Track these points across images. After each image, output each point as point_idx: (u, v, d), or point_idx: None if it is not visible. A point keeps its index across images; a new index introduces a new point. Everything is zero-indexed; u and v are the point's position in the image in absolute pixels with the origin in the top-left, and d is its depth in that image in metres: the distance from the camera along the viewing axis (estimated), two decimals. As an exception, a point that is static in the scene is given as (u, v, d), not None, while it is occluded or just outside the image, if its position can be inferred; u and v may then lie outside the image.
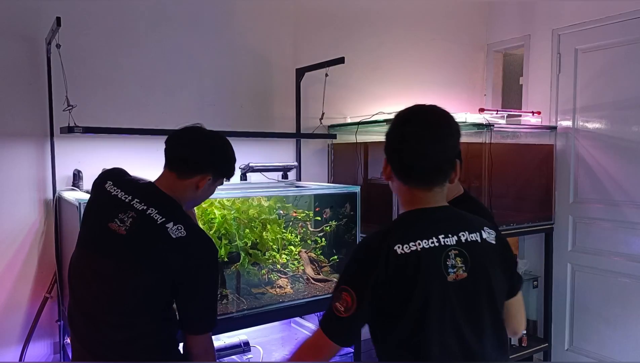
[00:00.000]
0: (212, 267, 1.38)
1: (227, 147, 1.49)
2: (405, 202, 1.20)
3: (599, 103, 3.11)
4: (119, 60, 2.39)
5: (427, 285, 1.09)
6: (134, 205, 1.35)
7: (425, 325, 1.09)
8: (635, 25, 2.97)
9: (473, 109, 3.33)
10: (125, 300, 1.31)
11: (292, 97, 2.88)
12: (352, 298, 1.08)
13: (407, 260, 1.09)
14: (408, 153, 1.15)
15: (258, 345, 2.43)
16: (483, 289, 1.16)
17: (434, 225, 1.15)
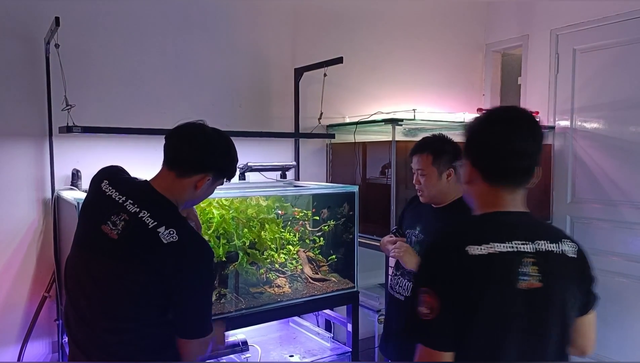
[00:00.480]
0: (205, 272, 1.34)
1: (229, 147, 1.43)
2: (484, 204, 1.17)
3: (596, 103, 3.12)
4: (117, 60, 2.39)
5: (497, 290, 1.07)
6: (127, 207, 1.31)
7: (489, 330, 1.07)
8: (633, 26, 2.98)
9: (471, 109, 3.34)
10: (119, 305, 1.29)
11: (290, 97, 2.88)
12: (433, 298, 1.06)
13: (480, 262, 1.07)
14: (505, 152, 1.13)
15: (256, 344, 2.43)
16: (555, 302, 1.12)
17: (512, 230, 1.13)
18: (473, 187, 1.19)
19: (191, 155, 1.36)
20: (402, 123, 2.67)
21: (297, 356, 2.38)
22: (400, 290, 1.99)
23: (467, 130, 1.21)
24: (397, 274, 2.04)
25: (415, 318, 1.09)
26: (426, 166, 1.93)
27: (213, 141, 1.40)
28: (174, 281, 1.27)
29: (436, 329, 1.07)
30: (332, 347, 2.46)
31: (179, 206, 1.39)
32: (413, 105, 3.02)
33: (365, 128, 2.89)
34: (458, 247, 1.09)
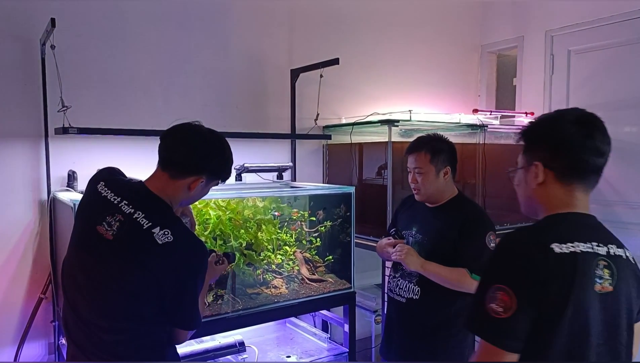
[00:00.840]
0: (199, 271, 1.36)
1: (224, 149, 1.42)
2: (557, 205, 1.14)
3: (591, 104, 3.13)
4: (113, 61, 2.39)
5: (580, 291, 1.05)
6: (122, 208, 1.32)
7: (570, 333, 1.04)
8: (627, 27, 3.00)
9: (467, 110, 3.35)
10: (115, 304, 1.30)
11: (287, 98, 2.89)
12: (510, 297, 1.01)
13: (565, 261, 1.04)
14: (586, 150, 1.12)
15: (253, 345, 2.44)
16: (623, 307, 1.12)
17: (590, 231, 1.12)
18: (544, 188, 1.15)
19: (185, 156, 1.36)
20: (399, 124, 2.68)
21: (294, 357, 2.38)
22: (402, 293, 1.97)
23: (536, 131, 1.18)
24: (397, 276, 2.01)
25: (483, 315, 1.03)
26: (424, 164, 1.92)
27: (208, 143, 1.39)
28: (169, 281, 1.29)
29: (508, 329, 1.02)
30: (329, 348, 2.47)
31: (173, 206, 1.40)
32: (409, 106, 3.03)
33: (361, 129, 2.89)
34: (543, 244, 1.05)
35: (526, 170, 1.19)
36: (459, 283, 1.84)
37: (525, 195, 1.21)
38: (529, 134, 1.21)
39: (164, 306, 1.31)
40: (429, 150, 1.93)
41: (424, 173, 1.93)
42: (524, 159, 1.20)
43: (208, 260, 1.47)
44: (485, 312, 1.03)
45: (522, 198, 1.24)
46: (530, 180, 1.17)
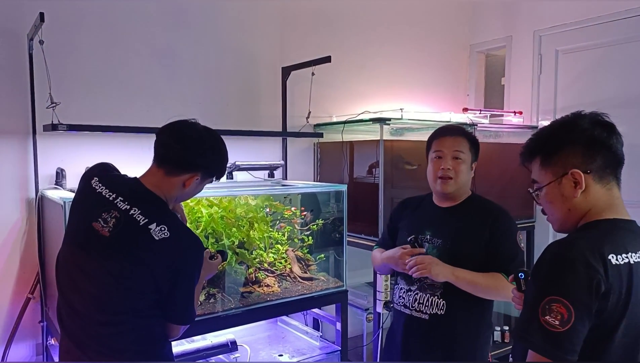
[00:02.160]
0: (196, 265, 1.37)
1: (219, 147, 1.43)
2: (601, 209, 1.11)
3: (579, 103, 3.18)
4: (104, 57, 2.36)
5: (634, 302, 1.03)
6: (118, 204, 1.32)
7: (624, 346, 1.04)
8: (614, 28, 3.04)
9: (457, 109, 3.38)
10: (112, 299, 1.30)
11: (278, 96, 2.88)
12: (567, 310, 0.98)
13: (622, 272, 1.02)
14: (618, 143, 1.11)
15: (245, 344, 2.42)
16: None
17: (636, 239, 1.09)
18: (586, 195, 1.10)
19: (181, 154, 1.36)
20: (390, 122, 2.69)
21: (286, 355, 2.38)
22: (422, 308, 1.70)
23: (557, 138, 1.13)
24: (413, 289, 1.74)
25: (538, 328, 1.00)
26: (465, 149, 1.72)
27: (204, 140, 1.39)
28: (166, 276, 1.29)
29: (565, 342, 0.99)
30: (320, 346, 2.46)
31: (168, 203, 1.40)
32: (400, 104, 3.04)
33: (352, 127, 2.90)
34: (601, 255, 1.01)
35: (559, 183, 1.12)
36: (496, 291, 1.63)
37: (564, 209, 1.13)
38: (545, 145, 1.15)
39: (159, 300, 1.32)
40: (468, 138, 1.75)
41: (463, 160, 1.71)
42: (550, 172, 1.13)
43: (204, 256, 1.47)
44: (539, 325, 1.00)
45: (560, 214, 1.15)
46: (569, 191, 1.11)
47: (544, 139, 1.16)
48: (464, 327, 1.68)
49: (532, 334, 1.02)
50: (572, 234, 1.12)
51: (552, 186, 1.13)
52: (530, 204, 3.43)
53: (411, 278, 1.72)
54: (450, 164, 1.71)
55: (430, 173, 1.78)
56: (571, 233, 1.13)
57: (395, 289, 1.86)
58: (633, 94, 2.97)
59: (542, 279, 1.04)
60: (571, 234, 1.12)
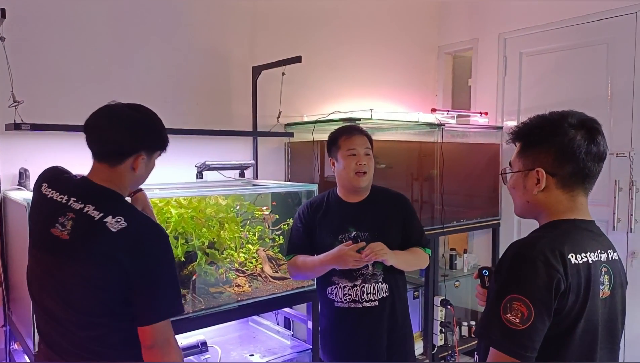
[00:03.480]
0: (161, 251, 1.30)
1: (150, 118, 1.39)
2: (561, 211, 1.14)
3: (541, 104, 3.28)
4: (68, 55, 2.30)
5: (592, 300, 1.06)
6: (71, 206, 1.29)
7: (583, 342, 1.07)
8: (575, 32, 3.16)
9: (425, 109, 3.44)
10: (86, 302, 1.27)
11: (248, 95, 2.87)
12: (527, 308, 1.01)
13: (580, 271, 1.05)
14: (593, 158, 1.11)
15: (216, 344, 2.41)
16: (619, 308, 1.15)
17: (594, 239, 1.13)
18: (546, 194, 1.14)
19: (116, 142, 1.33)
20: (360, 122, 2.71)
21: (257, 355, 2.38)
22: (371, 297, 1.91)
23: (536, 133, 1.15)
24: (357, 284, 1.91)
25: (499, 325, 1.03)
26: (370, 146, 1.97)
27: (133, 119, 1.36)
28: (132, 268, 1.25)
29: (525, 340, 1.01)
30: (292, 345, 2.48)
31: (124, 193, 1.38)
32: (370, 104, 3.08)
33: (323, 127, 2.91)
34: (561, 255, 1.04)
35: (525, 174, 1.16)
36: (418, 262, 1.96)
37: (524, 199, 1.18)
38: (528, 136, 1.17)
39: (133, 298, 1.26)
40: (368, 137, 2.00)
41: (371, 156, 1.96)
42: (522, 162, 1.17)
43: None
44: (500, 322, 1.02)
45: (519, 201, 1.20)
46: (530, 185, 1.15)
47: (529, 128, 1.18)
48: (399, 300, 1.98)
49: (493, 331, 1.05)
50: (533, 233, 1.16)
51: (519, 175, 1.18)
52: (495, 202, 3.53)
53: (353, 275, 1.91)
54: (365, 160, 1.92)
55: (344, 170, 1.92)
56: (532, 233, 1.16)
57: (332, 290, 1.96)
58: (591, 96, 3.09)
59: (504, 277, 1.07)
60: (532, 233, 1.16)
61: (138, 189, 1.61)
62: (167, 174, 2.55)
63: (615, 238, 2.86)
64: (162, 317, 1.28)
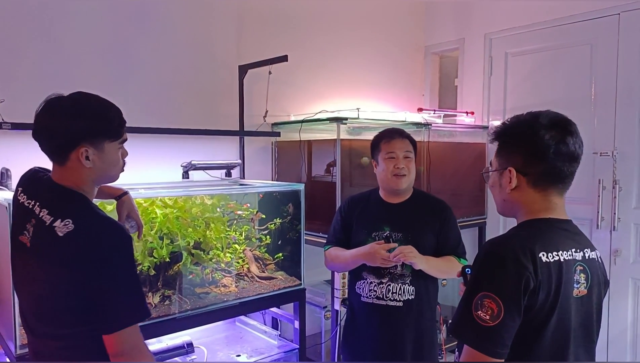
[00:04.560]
0: (114, 254, 1.19)
1: (87, 106, 1.25)
2: (536, 209, 1.16)
3: (526, 104, 3.31)
4: (50, 53, 2.27)
5: (564, 298, 1.08)
6: (35, 211, 1.25)
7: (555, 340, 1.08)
8: (559, 32, 3.19)
9: (412, 108, 3.45)
10: (51, 312, 1.23)
11: (235, 94, 2.85)
12: (497, 305, 1.02)
13: (551, 270, 1.06)
14: (562, 156, 1.13)
15: (202, 345, 2.39)
16: (594, 307, 1.16)
17: (570, 237, 1.14)
18: (519, 193, 1.16)
19: (52, 139, 1.23)
20: (347, 121, 2.72)
21: (244, 355, 2.37)
22: (396, 297, 1.93)
23: (510, 134, 1.17)
24: (384, 282, 1.94)
25: (470, 322, 1.04)
26: (411, 149, 1.98)
27: (66, 111, 1.23)
28: (84, 274, 1.16)
29: (495, 336, 1.03)
30: (279, 345, 2.47)
31: (87, 190, 1.29)
32: (357, 104, 3.08)
33: (310, 126, 2.91)
34: (531, 253, 1.06)
35: (500, 173, 1.19)
36: (450, 270, 1.92)
37: (501, 197, 1.22)
38: (503, 136, 1.19)
39: (93, 306, 1.18)
40: (411, 140, 2.00)
41: (412, 159, 1.97)
42: (498, 161, 1.20)
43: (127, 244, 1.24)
44: (472, 320, 1.04)
45: (497, 199, 1.24)
46: (505, 184, 1.18)
47: (505, 129, 1.20)
48: (427, 307, 1.97)
49: (464, 329, 1.07)
50: (507, 232, 1.18)
51: (495, 173, 1.21)
52: (481, 201, 3.55)
53: (381, 272, 1.94)
54: (404, 163, 1.94)
55: (383, 172, 1.97)
56: (507, 232, 1.19)
57: (360, 284, 2.01)
58: (575, 96, 3.12)
59: (476, 275, 1.10)
60: (507, 232, 1.19)
61: (124, 193, 1.59)
62: (153, 173, 2.53)
63: (599, 237, 2.98)
64: (125, 323, 1.19)
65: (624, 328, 2.95)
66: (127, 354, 1.19)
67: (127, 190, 1.60)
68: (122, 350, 1.18)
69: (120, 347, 1.18)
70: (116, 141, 1.29)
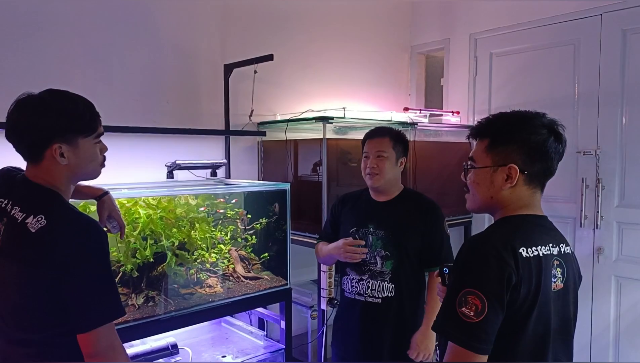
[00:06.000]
0: (87, 250, 1.16)
1: (57, 103, 1.22)
2: (518, 206, 1.16)
3: (511, 104, 3.34)
4: (30, 51, 2.22)
5: (544, 293, 1.09)
6: (7, 209, 1.22)
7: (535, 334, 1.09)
8: (543, 32, 3.22)
9: (398, 108, 3.46)
10: (19, 314, 1.20)
11: (220, 93, 2.83)
12: (481, 301, 1.03)
13: (531, 265, 1.08)
14: (555, 156, 1.15)
15: (187, 346, 2.37)
16: (571, 300, 1.18)
17: (546, 233, 1.16)
18: (512, 190, 1.16)
19: (22, 138, 1.22)
20: (333, 121, 2.71)
21: (229, 356, 2.35)
22: (375, 293, 1.97)
23: (508, 131, 1.16)
24: (364, 279, 2.00)
25: (454, 319, 1.05)
26: (387, 148, 1.96)
27: (35, 110, 1.21)
28: (57, 271, 1.14)
29: (480, 332, 1.03)
30: (265, 345, 2.45)
31: (63, 187, 1.26)
32: (343, 103, 3.07)
33: (296, 125, 2.90)
34: (512, 248, 1.07)
35: (494, 170, 1.17)
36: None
37: (487, 195, 1.19)
38: (497, 132, 1.18)
39: (66, 304, 1.16)
40: (392, 137, 1.99)
41: (386, 157, 1.96)
42: (491, 158, 1.17)
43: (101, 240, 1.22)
44: (456, 316, 1.04)
45: (481, 196, 1.20)
46: (499, 181, 1.16)
47: (499, 125, 1.19)
48: (409, 304, 1.97)
49: (449, 325, 1.07)
50: (487, 229, 1.19)
51: (486, 171, 1.18)
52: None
53: (362, 269, 1.99)
54: (375, 162, 1.96)
55: (362, 170, 2.03)
56: (487, 229, 1.20)
57: (345, 280, 2.09)
58: (559, 96, 3.16)
59: (459, 272, 1.11)
60: (487, 229, 1.19)
61: (104, 193, 1.56)
62: (137, 173, 2.50)
63: (582, 235, 3.02)
64: (99, 321, 1.16)
65: (606, 325, 2.98)
66: (102, 354, 1.16)
67: (107, 190, 1.57)
68: (96, 349, 1.16)
69: (94, 346, 1.16)
70: (90, 136, 1.27)
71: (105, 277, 1.20)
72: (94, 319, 1.16)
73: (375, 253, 1.98)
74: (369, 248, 1.98)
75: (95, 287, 1.18)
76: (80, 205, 1.75)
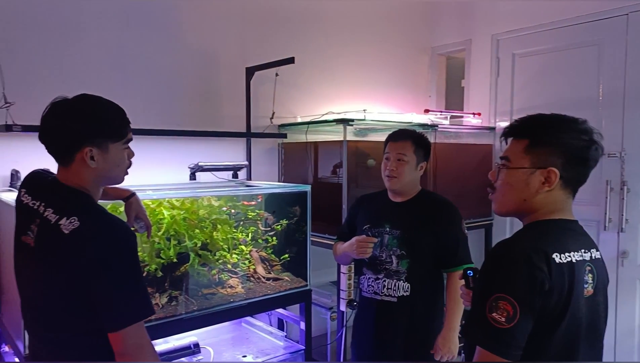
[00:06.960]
0: (118, 251, 1.19)
1: (91, 108, 1.27)
2: (550, 211, 1.14)
3: (533, 105, 3.30)
4: (59, 56, 2.29)
5: (576, 299, 1.07)
6: (40, 211, 1.26)
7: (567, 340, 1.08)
8: (565, 33, 3.18)
9: (418, 110, 3.45)
10: (50, 313, 1.24)
11: (242, 96, 2.87)
12: (513, 307, 1.01)
13: (564, 271, 1.06)
14: (593, 161, 1.14)
15: (208, 346, 2.41)
16: (602, 308, 1.16)
17: (578, 238, 1.14)
18: (547, 194, 1.13)
19: (55, 141, 1.26)
20: (353, 123, 2.72)
21: (250, 356, 2.38)
22: (391, 292, 1.97)
23: (547, 133, 1.13)
24: (380, 277, 2.00)
25: (485, 324, 1.03)
26: (408, 152, 1.96)
27: (70, 113, 1.25)
28: (88, 271, 1.16)
29: (510, 338, 1.02)
30: (285, 346, 2.48)
31: (92, 190, 1.29)
32: (363, 105, 3.09)
33: (316, 128, 2.92)
34: (545, 254, 1.05)
35: (532, 172, 1.13)
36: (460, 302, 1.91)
37: (520, 197, 1.15)
38: (538, 133, 1.15)
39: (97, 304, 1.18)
40: (414, 141, 1.99)
41: (406, 161, 1.96)
42: (530, 159, 1.14)
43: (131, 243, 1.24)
44: (486, 322, 1.02)
45: (513, 198, 1.17)
46: (535, 184, 1.13)
47: (541, 126, 1.16)
48: (424, 304, 1.98)
49: (479, 330, 1.05)
50: (518, 233, 1.16)
51: (522, 172, 1.14)
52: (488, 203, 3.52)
53: (378, 268, 2.00)
54: (395, 165, 1.97)
55: (382, 172, 2.04)
56: (517, 233, 1.16)
57: (362, 280, 2.10)
58: (582, 97, 3.11)
59: (489, 277, 1.08)
60: (517, 233, 1.16)
61: (131, 194, 1.60)
62: (161, 175, 2.55)
63: (606, 238, 2.97)
64: (128, 321, 1.18)
65: (631, 329, 2.93)
66: (132, 353, 1.18)
67: (134, 192, 1.61)
68: (126, 348, 1.18)
69: (124, 345, 1.18)
70: (120, 142, 1.30)
71: (136, 277, 1.23)
72: (125, 318, 1.18)
73: (391, 252, 1.98)
74: (385, 247, 1.99)
75: (126, 286, 1.20)
76: (109, 206, 1.80)
